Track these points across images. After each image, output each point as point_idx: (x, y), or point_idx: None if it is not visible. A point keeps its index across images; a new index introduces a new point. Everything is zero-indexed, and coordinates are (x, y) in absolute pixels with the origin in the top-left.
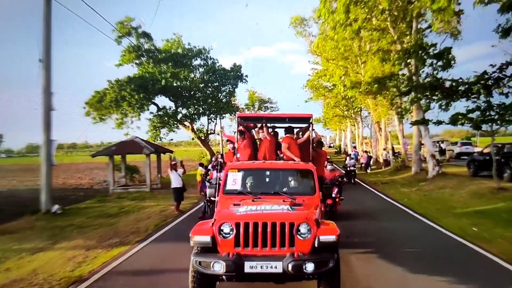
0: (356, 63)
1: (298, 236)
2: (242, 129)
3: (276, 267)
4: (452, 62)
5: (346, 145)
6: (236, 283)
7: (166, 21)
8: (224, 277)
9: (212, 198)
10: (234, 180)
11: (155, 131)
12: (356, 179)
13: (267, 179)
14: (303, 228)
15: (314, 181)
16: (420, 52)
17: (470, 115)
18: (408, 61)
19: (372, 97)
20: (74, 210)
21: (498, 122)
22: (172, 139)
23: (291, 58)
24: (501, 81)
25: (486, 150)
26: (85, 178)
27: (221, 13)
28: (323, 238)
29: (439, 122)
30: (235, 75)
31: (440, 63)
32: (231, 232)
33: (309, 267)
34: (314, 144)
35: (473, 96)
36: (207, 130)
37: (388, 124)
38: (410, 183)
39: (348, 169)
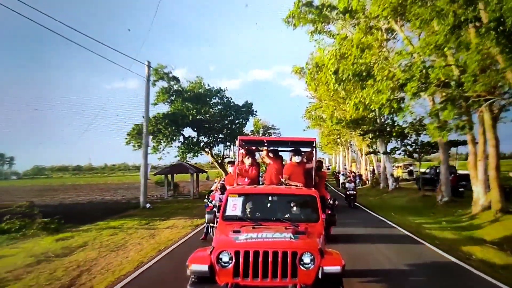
0: (343, 102)
1: (301, 266)
2: (244, 152)
3: None
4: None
5: (340, 167)
6: None
7: (165, 45)
8: None
9: (211, 224)
10: (234, 206)
11: (182, 156)
12: (356, 203)
13: (269, 205)
14: (306, 258)
15: (318, 208)
16: None
17: (404, 148)
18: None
19: (351, 131)
20: (157, 207)
21: (421, 153)
22: (196, 162)
23: (289, 81)
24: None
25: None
26: (126, 194)
27: (218, 37)
28: (327, 269)
29: (385, 153)
30: (247, 110)
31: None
32: (230, 261)
33: None
34: (316, 168)
35: (407, 136)
36: (223, 155)
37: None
38: (376, 194)
39: (348, 193)
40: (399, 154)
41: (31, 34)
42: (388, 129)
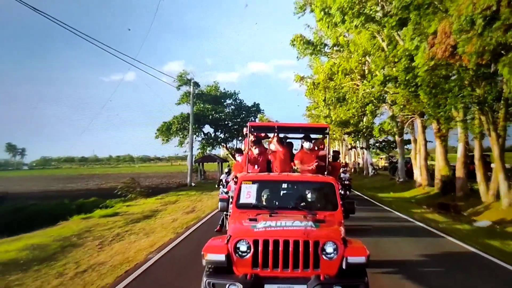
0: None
1: (323, 256)
2: (252, 139)
3: None
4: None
5: None
6: None
7: (163, 37)
8: None
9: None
10: (248, 193)
11: (203, 149)
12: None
13: (284, 192)
14: (329, 248)
15: (336, 196)
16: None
17: (379, 144)
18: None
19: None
20: (198, 186)
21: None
22: (214, 154)
23: (287, 74)
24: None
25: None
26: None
27: (216, 30)
28: (352, 259)
29: (362, 147)
30: (256, 109)
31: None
32: (248, 251)
33: None
34: (330, 157)
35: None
36: (235, 148)
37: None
38: (359, 179)
39: (344, 183)
40: (373, 149)
41: (40, 32)
42: (363, 130)
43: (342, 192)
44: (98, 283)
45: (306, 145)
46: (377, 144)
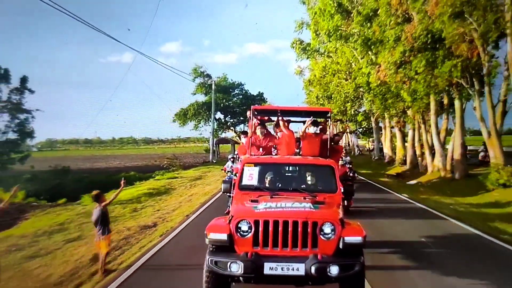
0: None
1: (321, 236)
2: (257, 122)
3: (298, 269)
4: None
5: None
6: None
7: (161, 20)
8: (241, 278)
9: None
10: (251, 175)
11: (215, 133)
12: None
13: (285, 175)
14: (326, 228)
15: (335, 178)
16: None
17: (361, 129)
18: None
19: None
20: (217, 162)
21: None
22: (228, 137)
23: (286, 56)
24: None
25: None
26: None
27: (213, 10)
28: (348, 239)
29: (350, 132)
30: (260, 98)
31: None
32: (249, 230)
33: (334, 270)
34: (333, 141)
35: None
36: (242, 131)
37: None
38: None
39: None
40: (356, 133)
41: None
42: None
43: (352, 174)
44: (204, 197)
45: (312, 130)
46: (360, 130)
